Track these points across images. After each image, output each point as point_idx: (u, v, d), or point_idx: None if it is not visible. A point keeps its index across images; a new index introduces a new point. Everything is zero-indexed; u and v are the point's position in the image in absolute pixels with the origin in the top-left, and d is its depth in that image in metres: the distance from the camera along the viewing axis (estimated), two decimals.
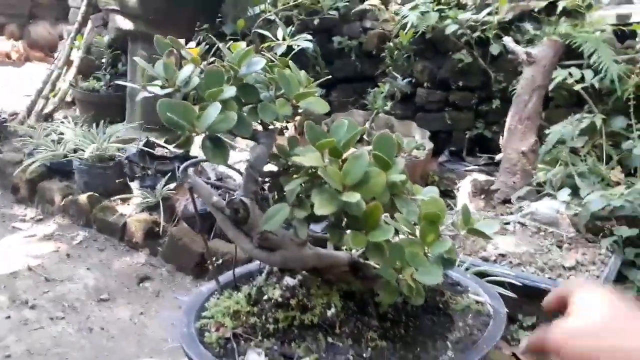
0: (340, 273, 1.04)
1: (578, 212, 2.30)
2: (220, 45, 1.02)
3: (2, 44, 6.80)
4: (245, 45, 1.00)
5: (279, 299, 1.00)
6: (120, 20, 3.73)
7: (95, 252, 2.90)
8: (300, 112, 1.02)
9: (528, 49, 2.68)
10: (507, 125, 2.74)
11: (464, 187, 2.81)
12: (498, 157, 2.91)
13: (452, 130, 3.55)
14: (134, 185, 3.17)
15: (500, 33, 3.23)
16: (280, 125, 1.04)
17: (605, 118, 2.73)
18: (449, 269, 0.97)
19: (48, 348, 2.13)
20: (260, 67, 0.95)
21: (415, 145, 1.05)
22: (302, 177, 0.95)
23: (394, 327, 0.98)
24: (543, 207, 2.45)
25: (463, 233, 0.96)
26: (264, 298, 1.03)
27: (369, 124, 3.27)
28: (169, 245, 2.81)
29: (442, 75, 3.52)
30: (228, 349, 0.96)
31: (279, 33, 2.65)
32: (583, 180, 2.47)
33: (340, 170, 0.87)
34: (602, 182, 2.51)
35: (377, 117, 3.31)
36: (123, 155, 3.27)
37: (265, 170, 1.05)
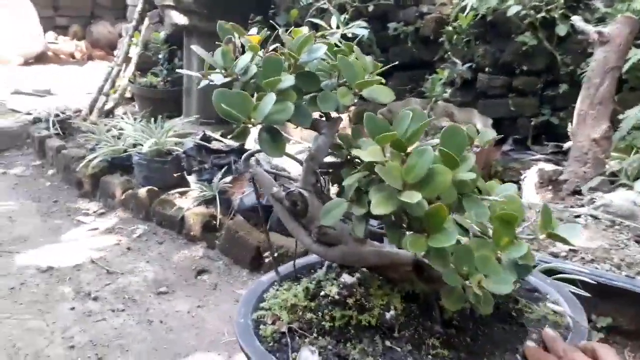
0: (403, 273, 0.97)
1: None
2: (280, 32, 0.97)
3: (66, 44, 7.08)
4: None
5: (336, 297, 0.96)
6: (176, 16, 3.77)
7: (155, 245, 2.94)
8: (355, 101, 0.96)
9: (600, 28, 2.49)
10: (576, 111, 2.57)
11: (530, 177, 2.66)
12: (566, 145, 2.74)
13: (516, 117, 3.39)
14: (192, 179, 3.20)
15: (568, 12, 3.04)
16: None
17: None
18: (524, 276, 0.88)
19: (110, 339, 2.17)
20: (322, 53, 0.90)
21: (491, 139, 0.94)
22: (361, 171, 0.89)
23: (460, 334, 0.91)
24: (618, 198, 2.27)
25: (542, 237, 0.86)
26: (322, 294, 0.99)
27: (427, 113, 3.16)
28: (226, 239, 2.82)
29: (504, 59, 3.35)
30: (282, 344, 0.92)
31: (333, 21, 2.59)
32: None
33: (402, 166, 0.80)
34: None
35: (435, 105, 3.19)
36: (180, 150, 3.31)
37: (327, 161, 1.00)
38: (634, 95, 2.86)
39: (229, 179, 3.04)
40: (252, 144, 3.41)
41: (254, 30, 1.05)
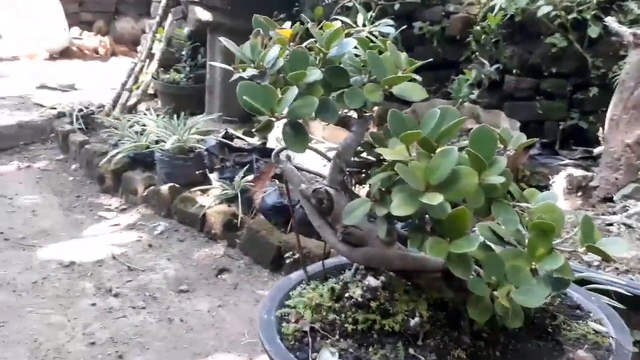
0: (431, 279, 0.94)
1: None
2: (310, 26, 0.95)
3: (90, 40, 7.14)
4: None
5: (359, 299, 0.95)
6: (200, 12, 3.76)
7: (176, 242, 2.94)
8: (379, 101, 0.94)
9: (635, 30, 2.41)
10: (608, 115, 2.49)
11: (559, 183, 2.59)
12: (597, 150, 2.66)
13: (543, 121, 3.31)
14: (213, 177, 3.19)
15: (600, 14, 2.95)
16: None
17: None
18: (560, 290, 0.83)
19: (130, 337, 2.17)
20: (351, 47, 0.89)
21: (525, 143, 0.90)
22: (386, 170, 0.87)
23: (489, 347, 0.87)
24: None
25: (582, 250, 0.81)
26: (346, 295, 0.98)
27: None
28: (247, 238, 2.80)
29: (533, 61, 3.28)
30: (303, 343, 0.92)
31: (359, 19, 2.55)
32: None
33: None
34: None
35: (461, 106, 3.13)
36: (203, 147, 3.30)
37: (357, 160, 0.98)
38: None
39: (251, 178, 3.02)
40: (274, 142, 3.39)
41: (287, 24, 1.03)
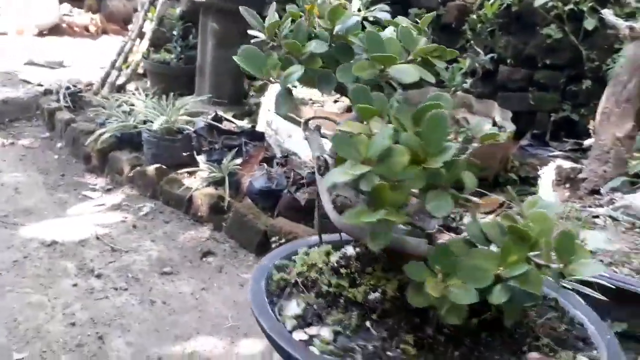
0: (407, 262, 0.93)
1: None
2: (319, 2, 1.00)
3: (81, 17, 7.02)
4: None
5: (335, 265, 0.99)
6: None
7: (161, 224, 2.90)
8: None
9: (632, 23, 2.39)
10: (600, 108, 2.48)
11: (547, 174, 2.58)
12: (587, 142, 2.66)
13: (535, 112, 3.30)
14: (201, 159, 3.15)
15: (597, 6, 2.93)
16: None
17: None
18: (523, 304, 0.80)
19: (111, 318, 2.14)
20: (353, 23, 0.94)
21: (490, 135, 0.87)
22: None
23: (448, 344, 0.84)
24: (639, 200, 2.20)
25: (560, 266, 0.77)
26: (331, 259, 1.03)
27: None
28: (234, 221, 2.77)
29: (527, 52, 3.26)
30: (282, 291, 0.98)
31: (355, 4, 2.52)
32: None
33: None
34: None
35: (454, 95, 3.11)
36: (191, 129, 3.25)
37: None
38: None
39: (239, 161, 2.99)
40: (263, 126, 3.35)
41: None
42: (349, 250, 1.02)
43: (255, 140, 3.24)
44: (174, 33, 4.33)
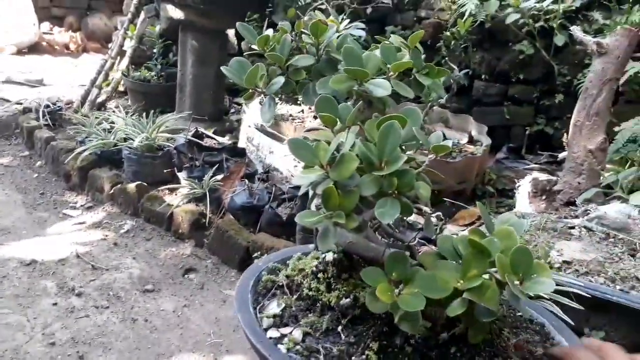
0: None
1: None
2: (306, 19, 1.05)
3: (61, 36, 7.00)
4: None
5: (314, 269, 1.00)
6: (172, 10, 3.72)
7: (142, 241, 2.89)
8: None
9: (599, 39, 2.48)
10: (572, 121, 2.55)
11: (524, 186, 2.64)
12: (561, 155, 2.72)
13: (510, 126, 3.38)
14: (182, 176, 3.15)
15: (566, 23, 3.03)
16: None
17: None
18: (484, 319, 0.81)
19: (92, 337, 2.12)
20: (334, 37, 0.98)
21: (442, 147, 0.91)
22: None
23: (412, 354, 0.86)
24: (612, 211, 2.25)
25: (516, 283, 0.77)
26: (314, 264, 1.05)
27: (422, 118, 3.14)
28: (215, 237, 2.78)
29: (501, 67, 3.34)
30: (269, 292, 1.01)
31: (332, 22, 2.57)
32: None
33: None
34: None
35: (430, 110, 3.17)
36: (172, 145, 3.26)
37: None
38: (630, 108, 2.85)
39: (220, 177, 3.00)
40: (244, 142, 3.37)
41: (270, 31, 1.11)
42: (328, 256, 1.03)
43: (237, 157, 3.26)
44: (154, 51, 4.36)
